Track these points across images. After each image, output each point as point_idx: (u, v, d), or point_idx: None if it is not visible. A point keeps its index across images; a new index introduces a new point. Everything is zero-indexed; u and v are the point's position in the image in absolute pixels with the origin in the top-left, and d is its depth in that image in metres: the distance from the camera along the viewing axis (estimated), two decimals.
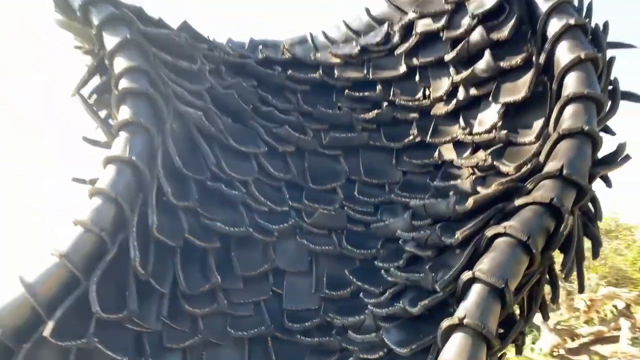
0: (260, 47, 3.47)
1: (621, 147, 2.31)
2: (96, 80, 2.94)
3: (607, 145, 2.36)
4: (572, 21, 2.49)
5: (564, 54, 2.46)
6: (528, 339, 17.08)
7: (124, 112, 2.57)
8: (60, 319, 2.10)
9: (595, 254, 2.45)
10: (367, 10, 3.49)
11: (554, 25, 2.54)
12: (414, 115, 3.14)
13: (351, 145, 3.22)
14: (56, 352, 2.10)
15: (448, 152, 2.95)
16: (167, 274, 2.55)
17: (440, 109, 3.03)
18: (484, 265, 2.02)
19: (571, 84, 2.38)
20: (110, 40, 2.74)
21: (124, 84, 2.62)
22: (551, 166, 2.21)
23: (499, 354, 2.41)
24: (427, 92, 3.12)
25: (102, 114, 2.91)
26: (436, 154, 2.99)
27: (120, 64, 2.67)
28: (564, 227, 2.08)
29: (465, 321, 1.88)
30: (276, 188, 3.05)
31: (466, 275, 2.04)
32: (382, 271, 2.67)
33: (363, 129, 3.22)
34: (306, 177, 3.12)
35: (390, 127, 3.19)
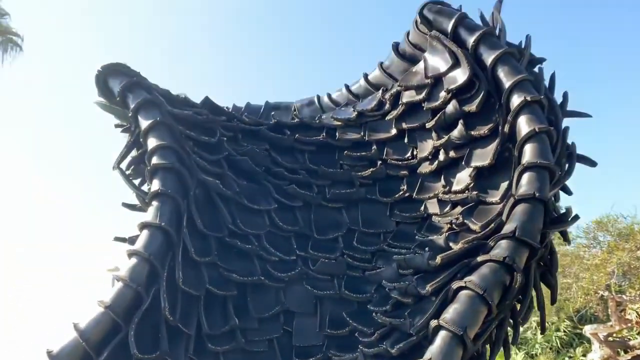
0: (273, 112, 3.99)
1: (569, 210, 2.68)
2: (133, 153, 3.52)
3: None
4: (529, 97, 2.88)
5: (523, 126, 2.85)
6: (579, 351, 16.88)
7: (155, 184, 3.11)
8: (106, 359, 2.62)
9: (553, 301, 2.81)
10: (365, 76, 3.98)
11: (515, 100, 2.94)
12: (404, 172, 3.58)
13: (351, 199, 3.68)
14: None
15: (432, 207, 3.37)
16: (193, 318, 3.05)
17: (426, 167, 3.47)
18: (448, 314, 2.44)
19: (527, 153, 2.77)
20: (144, 122, 3.30)
21: (155, 160, 3.17)
22: (507, 228, 2.61)
23: None
24: (414, 152, 3.56)
25: (137, 181, 3.48)
26: (422, 207, 3.41)
27: (152, 142, 3.23)
28: (515, 282, 2.47)
29: None
30: (286, 239, 3.53)
31: (434, 323, 2.46)
32: (374, 314, 3.09)
33: (361, 184, 3.68)
34: (312, 228, 3.60)
35: (384, 183, 3.64)
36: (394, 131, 3.65)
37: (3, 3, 25.77)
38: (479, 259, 2.59)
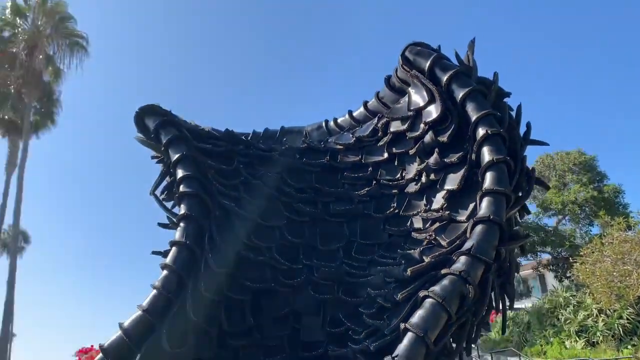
0: (285, 138, 4.60)
1: (521, 231, 3.13)
2: (166, 179, 4.20)
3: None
4: (490, 131, 3.33)
5: (485, 156, 3.31)
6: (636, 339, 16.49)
7: (182, 208, 3.78)
8: (144, 352, 3.30)
9: (511, 306, 3.27)
10: (365, 104, 4.51)
11: (479, 133, 3.39)
12: (395, 191, 4.09)
13: (351, 214, 4.23)
14: None
15: (417, 222, 3.86)
16: (215, 319, 3.70)
17: (412, 188, 3.97)
18: (414, 319, 2.96)
19: (487, 181, 3.22)
20: (174, 155, 3.98)
21: (182, 188, 3.84)
22: (466, 245, 3.09)
23: None
24: (403, 174, 4.06)
25: (169, 203, 4.17)
26: (409, 223, 3.92)
27: (180, 172, 3.90)
28: (469, 293, 2.96)
29: (396, 359, 2.84)
30: (294, 250, 4.13)
31: (402, 325, 2.99)
32: (363, 315, 3.64)
33: (359, 201, 4.23)
34: (317, 240, 4.18)
35: (378, 200, 4.17)
36: (385, 155, 4.17)
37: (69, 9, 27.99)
38: (442, 271, 3.08)
